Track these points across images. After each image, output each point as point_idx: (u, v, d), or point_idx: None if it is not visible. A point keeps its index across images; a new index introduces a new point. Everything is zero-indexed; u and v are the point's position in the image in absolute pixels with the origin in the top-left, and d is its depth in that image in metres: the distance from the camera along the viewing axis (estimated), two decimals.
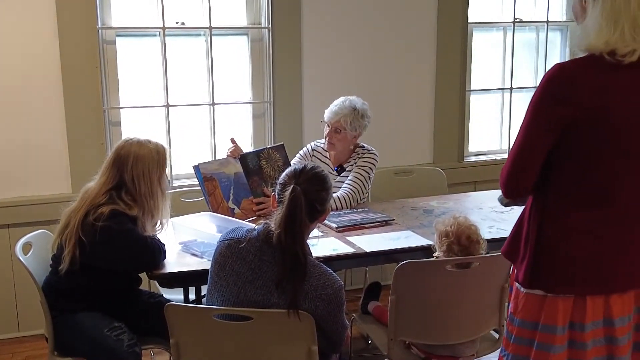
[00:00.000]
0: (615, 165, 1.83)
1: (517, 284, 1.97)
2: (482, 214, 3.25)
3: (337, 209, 3.31)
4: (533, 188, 1.92)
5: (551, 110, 1.82)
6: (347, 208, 3.34)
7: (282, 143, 3.50)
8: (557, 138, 1.84)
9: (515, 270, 2.00)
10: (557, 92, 1.81)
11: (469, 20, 4.46)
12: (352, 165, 3.51)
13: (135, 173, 2.64)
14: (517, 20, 4.64)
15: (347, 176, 3.48)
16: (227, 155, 3.28)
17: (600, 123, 1.79)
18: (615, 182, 1.84)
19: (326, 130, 3.46)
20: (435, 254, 2.62)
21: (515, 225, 2.02)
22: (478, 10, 4.53)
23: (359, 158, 3.51)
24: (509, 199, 2.03)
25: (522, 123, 1.89)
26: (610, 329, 1.89)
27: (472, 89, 4.61)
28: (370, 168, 3.49)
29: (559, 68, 1.83)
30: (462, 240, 2.53)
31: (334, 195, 3.34)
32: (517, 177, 1.91)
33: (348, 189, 3.41)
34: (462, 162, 4.59)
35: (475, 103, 4.68)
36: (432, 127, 4.50)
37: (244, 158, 3.25)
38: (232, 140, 3.32)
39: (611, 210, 1.85)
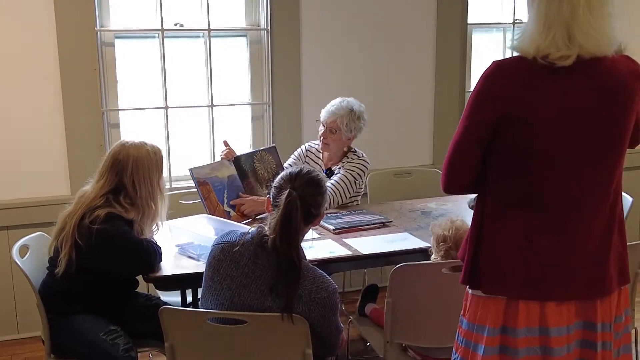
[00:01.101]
0: (543, 170, 1.79)
1: (464, 285, 1.96)
2: None
3: None
4: (474, 189, 1.91)
5: (484, 106, 1.81)
6: (327, 209, 3.30)
7: (274, 145, 3.51)
8: (490, 136, 1.82)
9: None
10: (491, 88, 1.80)
11: (469, 21, 4.45)
12: (339, 168, 3.49)
13: (136, 177, 2.64)
14: (517, 21, 4.62)
15: None
16: (221, 158, 3.28)
17: (526, 124, 1.77)
18: (546, 188, 1.80)
19: (321, 129, 3.45)
20: (432, 257, 2.61)
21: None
22: (477, 11, 4.51)
23: (348, 162, 3.49)
24: (448, 194, 2.02)
25: (461, 118, 1.88)
26: (546, 338, 1.83)
27: (471, 90, 4.58)
28: (358, 174, 3.46)
29: (496, 66, 1.82)
30: (460, 244, 2.51)
31: None
32: (452, 174, 1.90)
33: (330, 190, 3.34)
34: None
35: None
36: (431, 129, 4.49)
37: (237, 160, 3.26)
38: (225, 143, 3.32)
39: (547, 217, 1.81)
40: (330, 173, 3.49)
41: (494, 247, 1.86)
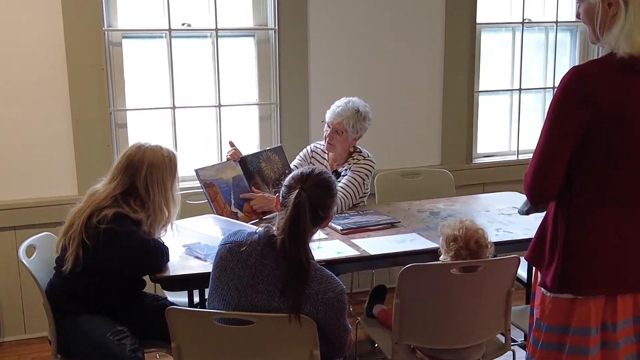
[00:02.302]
0: (637, 164, 1.83)
1: (542, 289, 1.96)
2: (489, 217, 3.22)
3: None
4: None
5: (572, 113, 1.82)
6: (338, 213, 3.27)
7: (280, 145, 3.50)
8: (579, 141, 1.83)
9: (540, 276, 1.98)
10: (576, 94, 1.81)
11: (477, 21, 4.43)
12: (346, 170, 3.47)
13: (150, 181, 2.63)
14: (526, 20, 4.60)
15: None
16: (227, 159, 3.27)
17: (620, 122, 1.79)
18: (638, 181, 1.84)
19: (327, 130, 3.43)
20: (441, 258, 2.59)
21: (538, 230, 2.02)
22: (486, 11, 4.49)
23: (354, 163, 3.47)
24: (536, 206, 2.02)
25: (543, 128, 1.89)
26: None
27: (480, 90, 4.58)
28: (366, 174, 3.44)
29: (576, 71, 1.83)
30: (471, 244, 2.50)
31: None
32: (541, 183, 1.90)
33: (340, 194, 3.32)
34: (470, 163, 4.56)
35: (484, 104, 4.65)
36: (440, 129, 4.47)
37: (243, 161, 3.24)
38: (231, 143, 3.31)
39: (635, 210, 1.86)
40: (336, 175, 3.47)
41: (586, 248, 1.89)
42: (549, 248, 1.95)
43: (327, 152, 3.54)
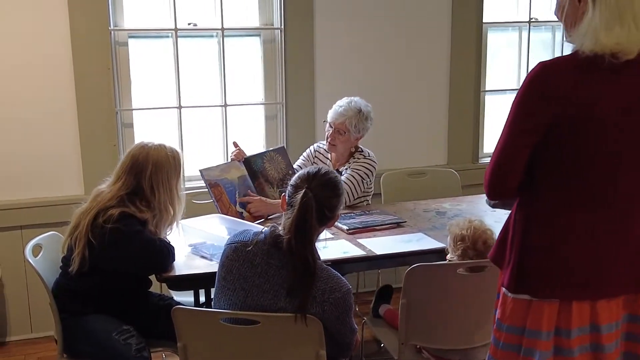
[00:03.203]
0: (604, 165, 1.78)
1: (503, 289, 1.92)
2: (496, 217, 3.19)
3: None
4: (519, 190, 1.88)
5: (533, 109, 1.78)
6: None
7: (282, 146, 3.50)
8: (541, 137, 1.79)
9: (502, 276, 1.95)
10: (540, 89, 1.77)
11: (484, 20, 4.42)
12: (346, 169, 3.47)
13: (155, 181, 2.63)
14: (533, 20, 4.59)
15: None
16: (231, 159, 3.27)
17: (582, 121, 1.74)
18: (605, 184, 1.79)
19: (329, 130, 3.43)
20: (449, 256, 2.58)
21: (502, 229, 1.98)
22: (493, 10, 4.48)
23: (354, 162, 3.46)
24: (494, 200, 1.99)
25: (505, 122, 1.85)
26: (597, 336, 1.83)
27: (487, 89, 4.56)
28: (366, 173, 3.43)
29: (542, 66, 1.79)
30: (479, 245, 2.49)
31: None
32: (500, 178, 1.87)
33: None
34: (477, 163, 4.55)
35: (490, 104, 4.63)
36: (446, 128, 4.46)
37: (248, 161, 3.24)
38: (235, 144, 3.31)
39: (602, 213, 1.80)
40: (338, 174, 3.46)
41: (546, 250, 1.84)
42: (509, 247, 1.91)
43: (329, 151, 3.54)
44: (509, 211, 2.00)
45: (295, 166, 3.47)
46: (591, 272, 1.81)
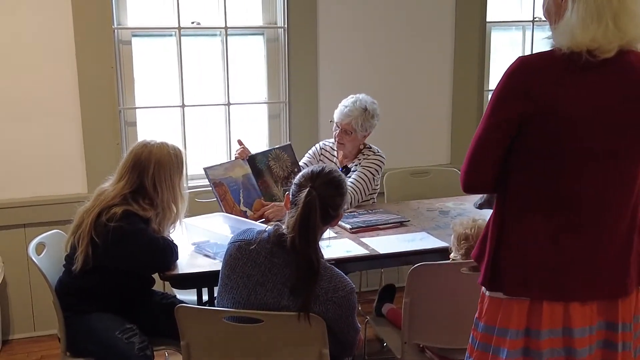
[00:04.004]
0: (572, 167, 1.75)
1: (482, 287, 1.91)
2: None
3: None
4: (494, 187, 1.86)
5: (507, 103, 1.77)
6: (347, 209, 3.29)
7: (289, 143, 3.49)
8: (515, 134, 1.77)
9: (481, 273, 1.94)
10: (516, 85, 1.76)
11: (487, 19, 4.41)
12: (356, 165, 3.47)
13: (157, 179, 2.63)
14: (537, 19, 4.58)
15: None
16: (235, 157, 3.27)
17: (556, 119, 1.72)
18: (576, 186, 1.76)
19: (336, 130, 3.43)
20: (452, 255, 2.58)
21: (484, 228, 1.97)
22: (496, 9, 4.47)
23: (364, 159, 3.47)
24: (468, 193, 1.98)
25: (483, 115, 1.83)
26: (569, 339, 1.80)
27: (490, 89, 4.56)
28: (376, 170, 3.44)
29: (521, 61, 1.78)
30: None
31: None
32: (473, 172, 1.85)
33: (350, 190, 3.32)
34: None
35: None
36: (449, 127, 4.46)
37: (252, 160, 3.24)
38: (240, 142, 3.30)
39: (573, 216, 1.78)
40: (346, 171, 3.47)
41: (517, 248, 1.83)
42: (487, 246, 1.90)
43: (337, 150, 3.54)
44: (480, 209, 2.00)
45: (301, 164, 3.47)
46: (558, 274, 1.79)
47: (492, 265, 1.86)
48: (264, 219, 3.13)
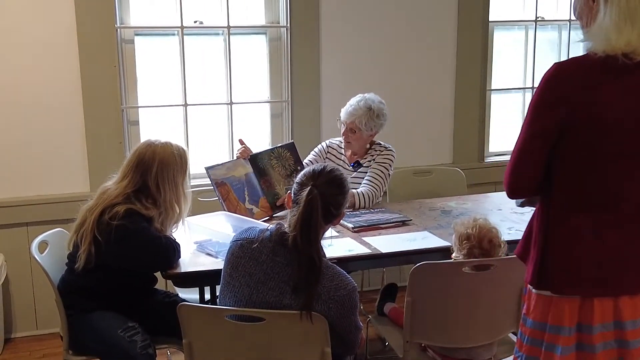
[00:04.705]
0: (617, 167, 1.79)
1: (529, 285, 1.95)
2: (502, 215, 3.21)
3: (359, 206, 3.31)
4: (539, 189, 1.89)
5: (548, 111, 1.80)
6: (369, 205, 3.33)
7: (292, 141, 3.50)
8: (556, 139, 1.81)
9: (527, 271, 1.97)
10: (554, 92, 1.78)
11: (490, 19, 4.41)
12: (369, 161, 3.49)
13: (161, 179, 2.64)
14: (539, 18, 4.58)
15: (364, 172, 3.46)
16: (237, 157, 3.27)
17: (598, 123, 1.75)
18: (618, 185, 1.80)
19: (342, 128, 3.44)
20: (454, 255, 2.58)
21: (527, 226, 2.00)
22: (499, 9, 4.47)
23: (378, 155, 3.49)
24: (513, 199, 2.02)
25: (523, 123, 1.87)
26: (621, 332, 1.86)
27: (492, 88, 4.56)
28: (390, 165, 3.48)
29: (557, 67, 1.80)
30: (484, 243, 2.49)
31: (356, 190, 3.34)
32: (517, 178, 1.89)
33: (371, 186, 3.39)
34: (483, 162, 4.54)
35: (496, 102, 4.63)
36: (451, 127, 4.46)
37: (253, 159, 3.24)
38: (241, 141, 3.31)
39: (616, 214, 1.82)
40: (358, 165, 3.50)
41: (564, 248, 1.86)
42: (532, 244, 1.93)
43: (344, 148, 3.55)
44: (522, 207, 2.03)
45: (306, 162, 3.47)
46: (606, 271, 1.83)
47: (540, 265, 1.89)
48: (267, 218, 3.13)
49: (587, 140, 1.78)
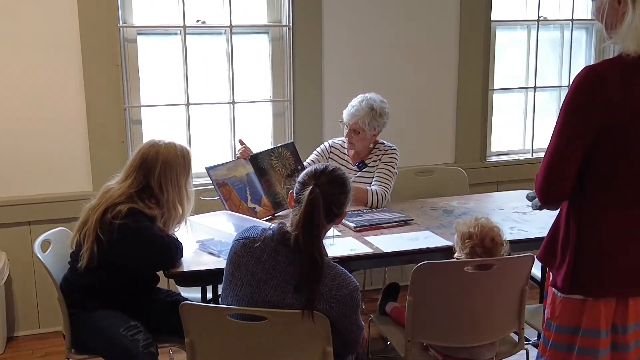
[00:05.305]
0: None
1: (553, 289, 1.93)
2: (503, 215, 3.21)
3: (371, 205, 3.33)
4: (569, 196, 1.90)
5: (583, 115, 1.80)
6: (381, 204, 3.35)
7: (291, 141, 3.51)
8: (590, 142, 1.81)
9: (552, 275, 1.96)
10: (588, 95, 1.78)
11: (492, 18, 4.41)
12: (374, 161, 3.50)
13: (164, 180, 2.64)
14: (542, 18, 4.57)
15: (369, 171, 3.47)
16: (237, 157, 3.27)
17: (631, 125, 1.76)
18: None
19: (345, 130, 3.45)
20: (456, 255, 2.58)
21: (550, 229, 1.99)
22: (501, 8, 4.47)
23: (383, 154, 3.50)
24: (546, 205, 2.00)
25: (555, 128, 1.86)
26: None
27: (495, 87, 4.56)
28: (396, 164, 3.51)
29: (588, 71, 1.80)
30: (486, 242, 2.49)
31: (370, 188, 3.36)
32: (551, 185, 1.88)
33: (383, 185, 3.41)
34: (485, 162, 4.54)
35: (498, 102, 4.62)
36: (454, 127, 4.46)
37: (254, 159, 3.24)
38: (241, 142, 3.31)
39: None
40: (363, 165, 3.51)
41: (598, 250, 1.86)
42: (560, 248, 1.93)
43: (347, 149, 3.55)
44: (539, 210, 2.02)
45: (307, 162, 3.48)
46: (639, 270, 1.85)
47: (572, 269, 1.89)
48: (269, 217, 3.13)
49: (624, 142, 1.78)
